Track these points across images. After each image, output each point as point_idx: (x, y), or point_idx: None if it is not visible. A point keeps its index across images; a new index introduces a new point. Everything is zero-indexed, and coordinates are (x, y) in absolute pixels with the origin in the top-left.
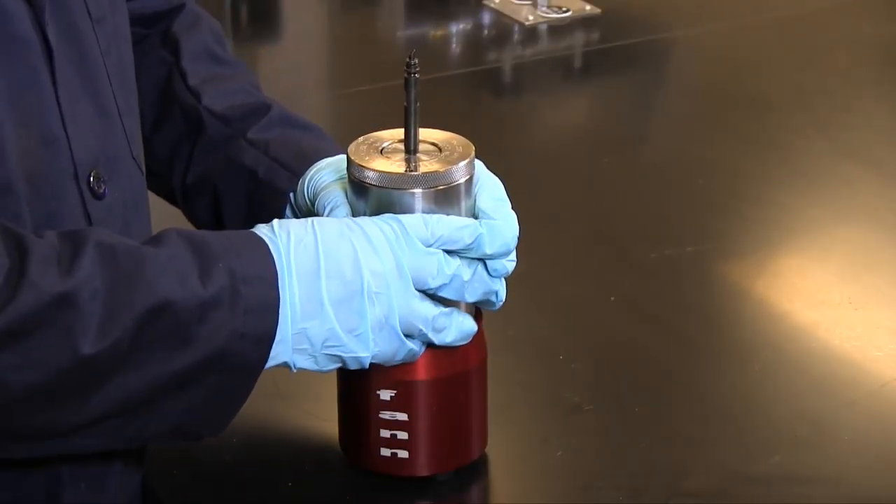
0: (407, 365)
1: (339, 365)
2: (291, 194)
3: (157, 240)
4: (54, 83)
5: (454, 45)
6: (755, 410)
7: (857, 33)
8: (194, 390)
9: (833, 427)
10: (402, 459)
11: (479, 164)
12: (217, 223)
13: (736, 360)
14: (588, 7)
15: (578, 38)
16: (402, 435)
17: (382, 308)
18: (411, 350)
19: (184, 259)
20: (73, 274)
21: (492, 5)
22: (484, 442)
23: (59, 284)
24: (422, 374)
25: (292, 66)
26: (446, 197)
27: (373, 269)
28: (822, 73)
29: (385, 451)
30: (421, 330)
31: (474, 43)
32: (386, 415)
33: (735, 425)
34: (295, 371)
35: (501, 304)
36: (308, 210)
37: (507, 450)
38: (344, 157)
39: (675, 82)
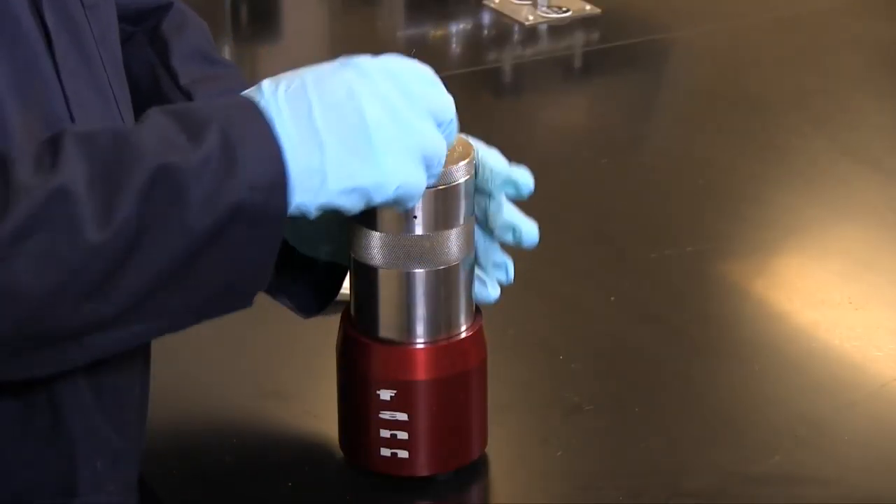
0: (407, 365)
1: (363, 202)
2: None
3: (138, 121)
4: (56, 68)
5: (454, 45)
6: (755, 410)
7: (857, 33)
8: (221, 250)
9: (833, 427)
10: (402, 459)
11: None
12: None
13: (736, 360)
14: (588, 7)
15: (578, 38)
16: (402, 435)
17: (389, 129)
18: (433, 178)
19: (168, 127)
20: (58, 168)
21: (492, 5)
22: (484, 442)
23: (48, 181)
24: (422, 374)
25: (292, 66)
26: (446, 197)
27: (373, 92)
28: (821, 73)
29: (385, 451)
30: (437, 159)
31: (474, 43)
32: (386, 415)
33: (735, 425)
34: (315, 215)
35: (511, 278)
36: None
37: (507, 450)
38: None
39: (675, 82)
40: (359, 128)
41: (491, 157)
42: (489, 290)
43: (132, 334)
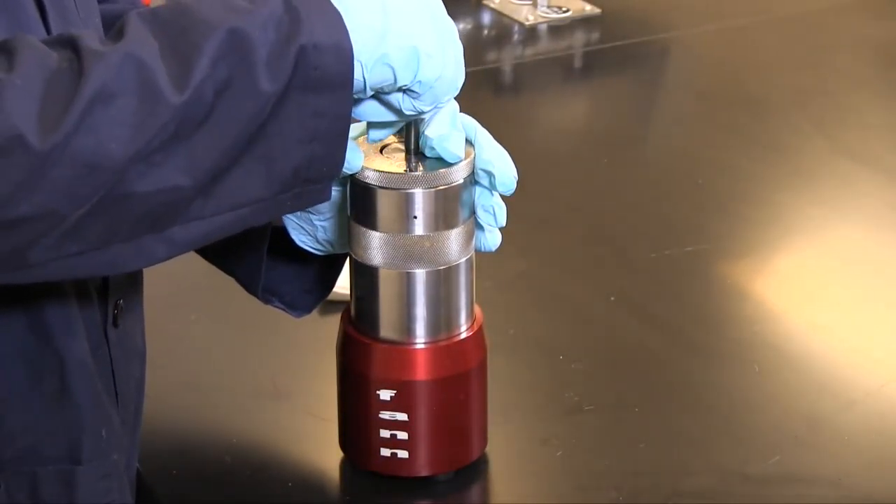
0: (407, 365)
1: (415, 63)
2: None
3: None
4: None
5: None
6: (755, 410)
7: (857, 33)
8: (290, 116)
9: (833, 427)
10: (402, 459)
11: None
12: None
13: (736, 360)
14: (588, 7)
15: (578, 38)
16: (402, 435)
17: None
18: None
19: None
20: (126, 40)
21: (492, 5)
22: (484, 442)
23: (119, 49)
24: (422, 374)
25: None
26: (446, 197)
27: None
28: (821, 73)
29: (385, 451)
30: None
31: (474, 43)
32: (386, 415)
33: (735, 425)
34: (369, 93)
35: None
36: None
37: (507, 450)
38: None
39: (675, 82)
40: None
41: (484, 139)
42: (487, 237)
43: (210, 224)
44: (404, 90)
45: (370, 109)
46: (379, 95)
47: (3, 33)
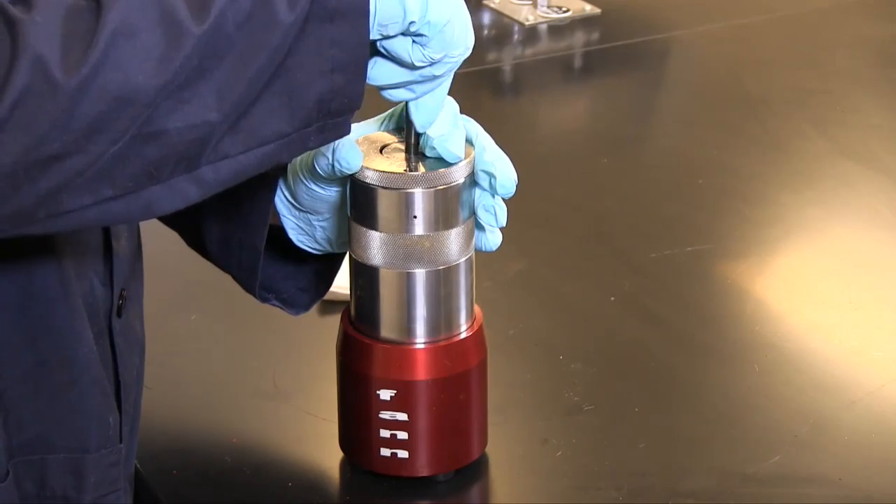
0: (407, 365)
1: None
2: (284, 187)
3: None
4: None
5: None
6: (755, 410)
7: (857, 33)
8: (309, 47)
9: (833, 427)
10: (402, 459)
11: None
12: (195, 228)
13: (736, 360)
14: (588, 7)
15: (578, 38)
16: (402, 435)
17: None
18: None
19: None
20: None
21: (492, 5)
22: (484, 442)
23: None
24: (422, 374)
25: None
26: (446, 197)
27: None
28: (822, 72)
29: (385, 451)
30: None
31: (474, 43)
32: (386, 415)
33: (735, 425)
34: (377, 33)
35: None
36: (308, 196)
37: (507, 450)
38: None
39: (675, 82)
40: None
41: (486, 140)
42: (488, 237)
43: (239, 162)
44: (413, 36)
45: (381, 71)
46: (388, 50)
47: None
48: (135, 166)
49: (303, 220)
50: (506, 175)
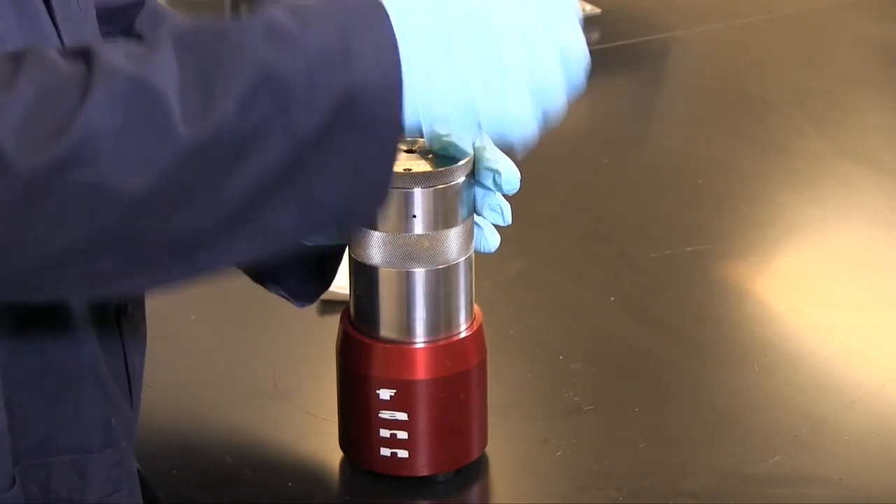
0: (407, 365)
1: (472, 121)
2: None
3: (251, 14)
4: (58, 34)
5: None
6: (755, 410)
7: (857, 33)
8: (327, 159)
9: (833, 427)
10: (402, 459)
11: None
12: None
13: (736, 360)
14: (588, 7)
15: None
16: (402, 435)
17: (522, 62)
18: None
19: (279, 21)
20: (149, 61)
21: None
22: (484, 442)
23: (132, 70)
24: (422, 373)
25: None
26: (445, 196)
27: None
28: (822, 72)
29: (385, 451)
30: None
31: None
32: (386, 415)
33: (735, 425)
34: (430, 139)
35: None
36: None
37: (507, 450)
38: None
39: (675, 82)
40: (490, 44)
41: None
42: (487, 238)
43: (235, 254)
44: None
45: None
46: None
47: (24, 37)
48: (111, 262)
49: None
50: (510, 171)
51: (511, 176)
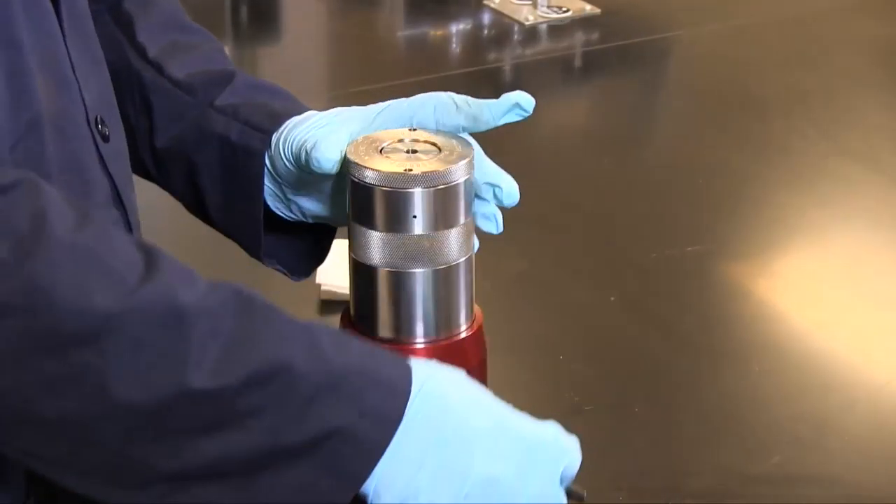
0: None
1: None
2: (267, 158)
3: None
4: (62, 31)
5: (454, 45)
6: (755, 410)
7: (857, 33)
8: (301, 466)
9: (833, 427)
10: None
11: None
12: (195, 194)
13: (736, 360)
14: (588, 7)
15: (578, 38)
16: None
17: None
18: None
19: (320, 331)
20: (205, 298)
21: (492, 5)
22: None
23: (187, 297)
24: None
25: (292, 66)
26: (446, 196)
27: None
28: (822, 73)
29: None
30: None
31: (474, 43)
32: None
33: (735, 425)
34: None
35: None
36: (287, 172)
37: None
38: (314, 113)
39: (675, 82)
40: (457, 483)
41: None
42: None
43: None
44: None
45: None
46: None
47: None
48: (67, 449)
49: (278, 189)
50: (511, 186)
51: (512, 190)
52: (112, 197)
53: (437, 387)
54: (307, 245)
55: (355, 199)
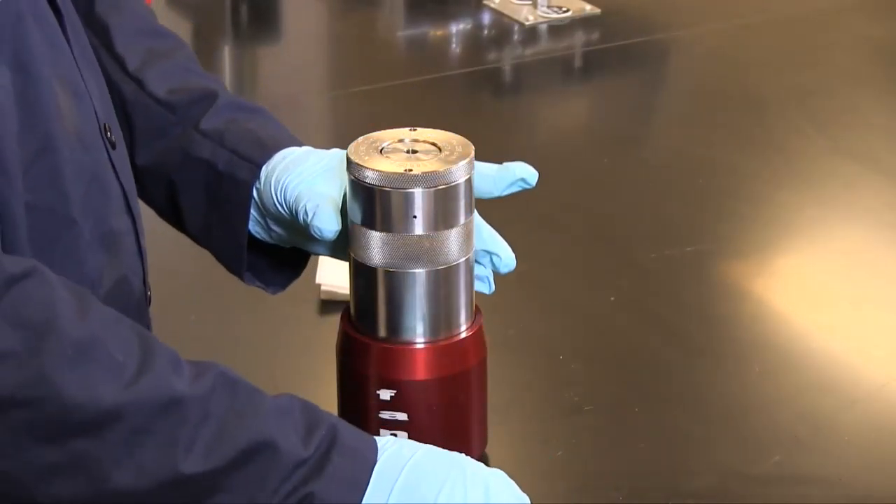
0: (407, 365)
1: None
2: (255, 189)
3: (275, 397)
4: (69, 43)
5: (454, 45)
6: (755, 410)
7: (857, 33)
8: None
9: (833, 427)
10: None
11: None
12: (174, 211)
13: (736, 361)
14: (588, 7)
15: (578, 38)
16: (403, 435)
17: None
18: None
19: (294, 414)
20: (194, 386)
21: (492, 5)
22: (484, 442)
23: (181, 388)
24: (422, 373)
25: (292, 66)
26: (446, 197)
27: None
28: (822, 72)
29: None
30: None
31: (474, 43)
32: (386, 415)
33: (735, 425)
34: None
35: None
36: (276, 212)
37: (507, 450)
38: (307, 149)
39: (675, 82)
40: None
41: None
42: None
43: None
44: None
45: None
46: None
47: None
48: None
49: (261, 218)
50: (509, 255)
51: (510, 259)
52: (123, 204)
53: (398, 450)
54: (283, 260)
55: (355, 199)
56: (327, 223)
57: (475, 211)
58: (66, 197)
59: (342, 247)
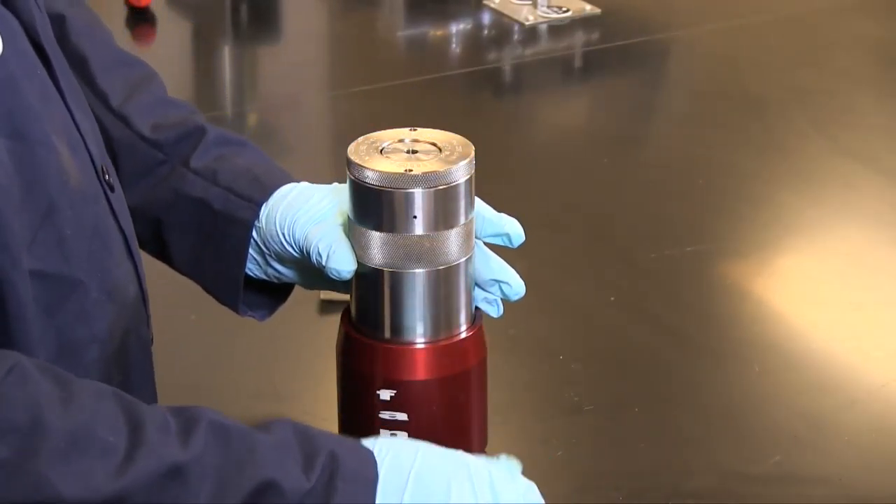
0: (407, 365)
1: None
2: (255, 226)
3: (267, 426)
4: (61, 92)
5: (454, 45)
6: (755, 410)
7: (857, 33)
8: None
9: (833, 427)
10: None
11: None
12: (159, 247)
13: (736, 361)
14: (588, 7)
15: (578, 38)
16: (403, 435)
17: None
18: None
19: (291, 447)
20: (188, 447)
21: (492, 5)
22: (484, 442)
23: (176, 454)
24: (422, 373)
25: (292, 66)
26: (446, 197)
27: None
28: (822, 72)
29: None
30: None
31: (474, 43)
32: (386, 415)
33: (735, 425)
34: None
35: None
36: (283, 251)
37: (507, 450)
38: (305, 185)
39: (675, 82)
40: None
41: (481, 207)
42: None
43: None
44: None
45: None
46: None
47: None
48: None
49: (260, 257)
50: (517, 283)
51: (519, 287)
52: (125, 250)
53: (396, 460)
54: (272, 290)
55: (356, 200)
56: (344, 264)
57: (482, 242)
58: (70, 258)
59: (346, 283)
